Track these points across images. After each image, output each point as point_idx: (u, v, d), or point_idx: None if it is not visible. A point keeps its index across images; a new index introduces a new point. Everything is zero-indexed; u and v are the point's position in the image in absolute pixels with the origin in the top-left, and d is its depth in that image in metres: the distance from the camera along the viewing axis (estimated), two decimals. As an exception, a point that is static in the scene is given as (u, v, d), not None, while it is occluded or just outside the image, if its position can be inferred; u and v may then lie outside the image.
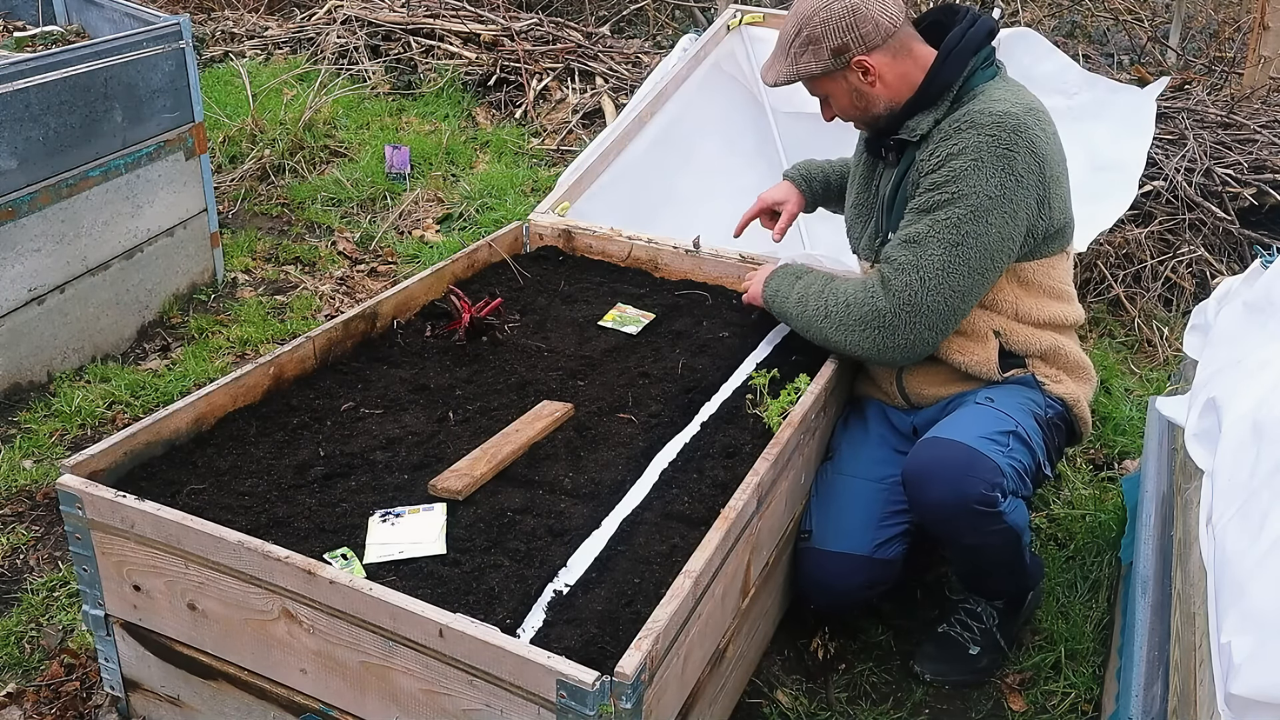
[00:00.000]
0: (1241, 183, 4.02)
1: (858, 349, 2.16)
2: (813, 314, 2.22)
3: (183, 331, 3.49)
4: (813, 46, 2.12)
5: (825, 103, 2.24)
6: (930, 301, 2.05)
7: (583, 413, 2.17)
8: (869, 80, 2.14)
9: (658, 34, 6.91)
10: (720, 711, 1.97)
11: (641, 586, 1.69)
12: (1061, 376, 2.24)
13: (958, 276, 2.05)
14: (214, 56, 6.09)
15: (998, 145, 2.02)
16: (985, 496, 1.94)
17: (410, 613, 1.53)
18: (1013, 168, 2.02)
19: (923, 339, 2.10)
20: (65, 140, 3.01)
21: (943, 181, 2.05)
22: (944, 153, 2.07)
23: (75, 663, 2.16)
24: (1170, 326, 3.70)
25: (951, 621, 2.28)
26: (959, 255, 2.04)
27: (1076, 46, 5.87)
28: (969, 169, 2.02)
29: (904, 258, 2.07)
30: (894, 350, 2.12)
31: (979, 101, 2.09)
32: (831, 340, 2.20)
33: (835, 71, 2.14)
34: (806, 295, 2.25)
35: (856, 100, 2.18)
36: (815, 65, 2.13)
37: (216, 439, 2.03)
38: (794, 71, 2.16)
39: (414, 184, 4.71)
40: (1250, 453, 1.53)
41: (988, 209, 2.02)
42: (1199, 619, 1.56)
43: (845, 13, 2.09)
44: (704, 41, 3.72)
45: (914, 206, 2.10)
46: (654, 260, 2.84)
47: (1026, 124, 2.04)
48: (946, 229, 2.03)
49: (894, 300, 2.07)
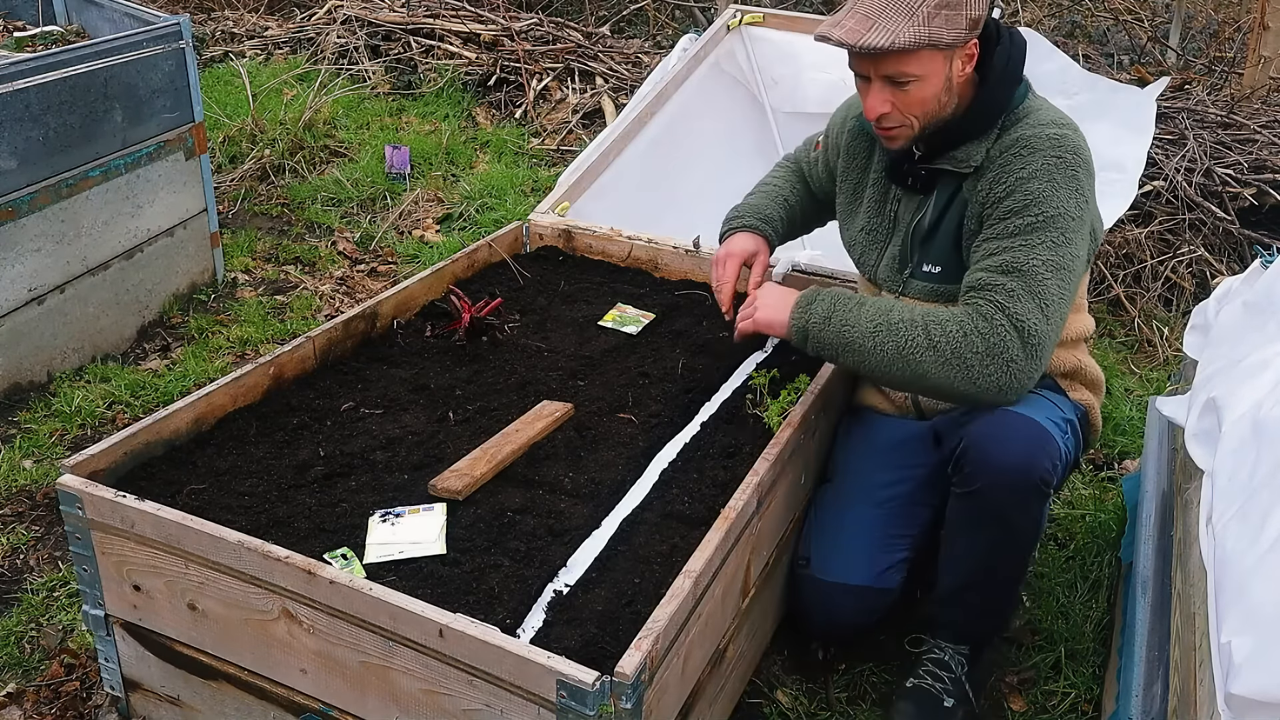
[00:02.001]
0: (1241, 183, 4.02)
1: (971, 387, 1.89)
2: (906, 345, 1.91)
3: (183, 331, 3.49)
4: (949, 10, 1.84)
5: (900, 87, 1.92)
6: (1048, 330, 1.88)
7: (583, 413, 2.17)
8: (966, 71, 1.93)
9: (658, 34, 6.91)
10: (720, 711, 1.97)
11: (641, 586, 1.69)
12: (1078, 386, 2.19)
13: (1066, 301, 1.91)
14: (214, 56, 6.09)
15: (1064, 166, 1.92)
16: (1048, 475, 1.89)
17: (410, 613, 1.53)
18: (1080, 188, 1.93)
19: (1037, 370, 1.90)
20: (65, 140, 3.01)
21: (1022, 206, 1.91)
22: (1012, 177, 1.93)
23: (75, 663, 2.16)
24: (1170, 326, 3.70)
25: (920, 674, 2.13)
26: (1065, 279, 1.90)
27: (1076, 46, 5.87)
28: (1047, 191, 1.90)
29: (1015, 286, 1.87)
30: (1015, 386, 1.88)
31: (1027, 125, 1.96)
32: (930, 376, 1.91)
33: (956, 50, 1.89)
34: (888, 323, 1.94)
35: (944, 93, 1.94)
36: (948, 33, 1.84)
37: (216, 439, 2.03)
38: (924, 34, 1.83)
39: (414, 184, 4.71)
40: (1250, 453, 1.53)
41: (1075, 230, 1.91)
42: (1199, 619, 1.56)
43: None
44: (704, 41, 3.72)
45: (994, 234, 1.94)
46: (654, 260, 2.84)
47: (1079, 144, 1.96)
48: (1049, 252, 1.88)
49: (1019, 330, 1.86)
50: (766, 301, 2.14)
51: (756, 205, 2.43)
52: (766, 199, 2.45)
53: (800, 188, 2.49)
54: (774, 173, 2.57)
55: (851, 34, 1.85)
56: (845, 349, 1.99)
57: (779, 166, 2.58)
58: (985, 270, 1.92)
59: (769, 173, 2.58)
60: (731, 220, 2.43)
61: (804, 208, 2.48)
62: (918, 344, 1.90)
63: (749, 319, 2.16)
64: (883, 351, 1.93)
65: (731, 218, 2.44)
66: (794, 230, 2.49)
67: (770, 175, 2.56)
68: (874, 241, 2.19)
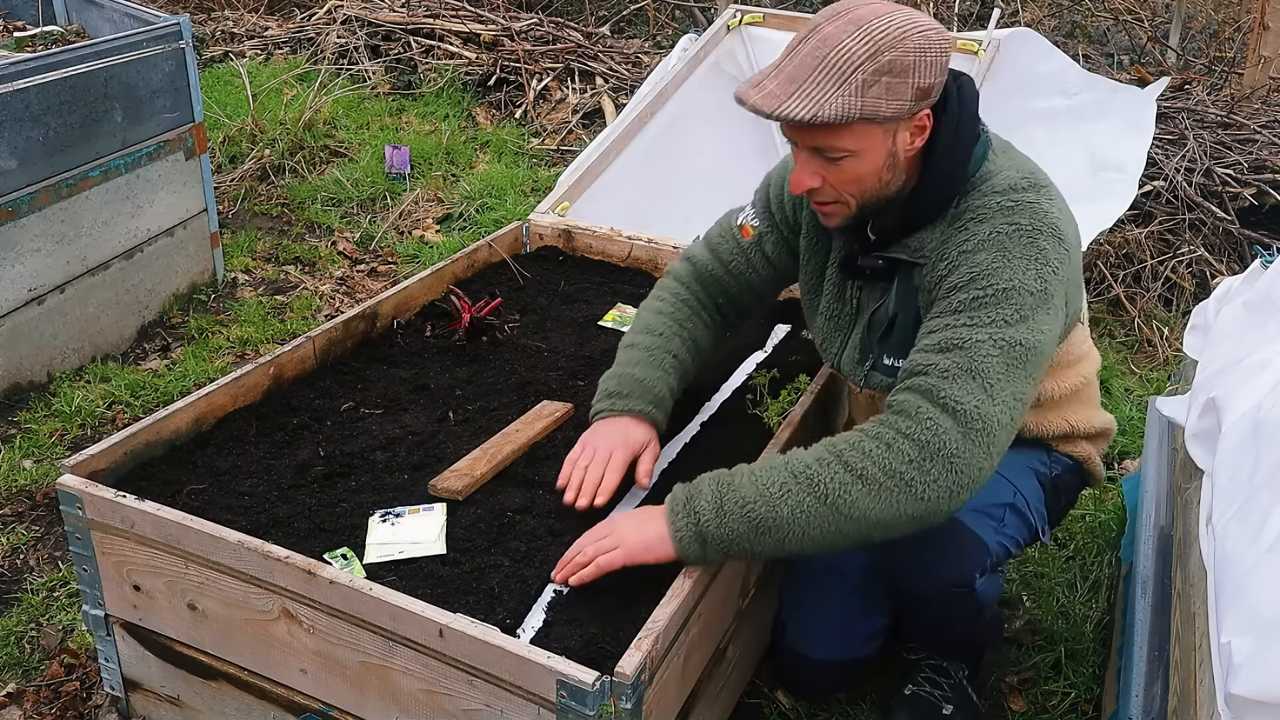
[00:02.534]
0: (1241, 183, 4.02)
1: (921, 505, 1.54)
2: (830, 489, 1.55)
3: (183, 331, 3.49)
4: (891, 79, 1.55)
5: (831, 164, 1.65)
6: (995, 411, 1.54)
7: (583, 413, 2.17)
8: (914, 145, 1.65)
9: (658, 34, 6.91)
10: (720, 711, 1.97)
11: (641, 587, 1.69)
12: (1076, 440, 1.97)
13: (1019, 382, 1.58)
14: (214, 56, 6.09)
15: (1019, 233, 1.64)
16: (963, 579, 1.78)
17: (410, 613, 1.53)
18: (1041, 255, 1.63)
19: (989, 458, 1.56)
20: (65, 140, 3.01)
21: (967, 280, 1.63)
22: (957, 251, 1.67)
23: (75, 663, 2.16)
24: (1170, 326, 3.70)
25: (919, 681, 2.06)
26: (1019, 359, 1.58)
27: (1076, 46, 5.88)
28: (996, 263, 1.62)
29: (950, 364, 1.57)
30: (968, 483, 1.54)
31: (979, 193, 1.70)
32: (871, 514, 1.54)
33: (899, 123, 1.61)
34: (794, 476, 1.58)
35: (886, 170, 1.66)
36: (887, 105, 1.56)
37: (216, 439, 2.03)
38: (854, 107, 1.55)
39: (414, 184, 4.72)
40: (1250, 453, 1.53)
41: (1035, 305, 1.61)
42: (1199, 619, 1.56)
43: (943, 45, 1.59)
44: (704, 41, 3.73)
45: (937, 313, 1.66)
46: (654, 260, 2.84)
47: (1042, 206, 1.67)
48: (997, 329, 1.59)
49: (953, 414, 1.54)
50: (625, 527, 1.66)
51: (639, 383, 1.91)
52: (643, 372, 1.93)
53: (697, 323, 2.05)
54: (657, 311, 2.04)
55: (770, 99, 1.58)
56: (759, 533, 1.57)
57: (665, 295, 2.08)
58: (920, 352, 1.63)
59: (648, 309, 2.07)
60: (622, 403, 1.90)
61: (702, 349, 2.06)
62: (841, 482, 1.55)
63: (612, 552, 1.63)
64: (805, 513, 1.55)
65: (614, 391, 1.92)
66: (689, 381, 2.06)
67: (651, 317, 2.03)
68: (837, 329, 1.93)
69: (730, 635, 1.90)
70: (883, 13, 1.58)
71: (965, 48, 3.58)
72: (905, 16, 1.59)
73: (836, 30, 1.57)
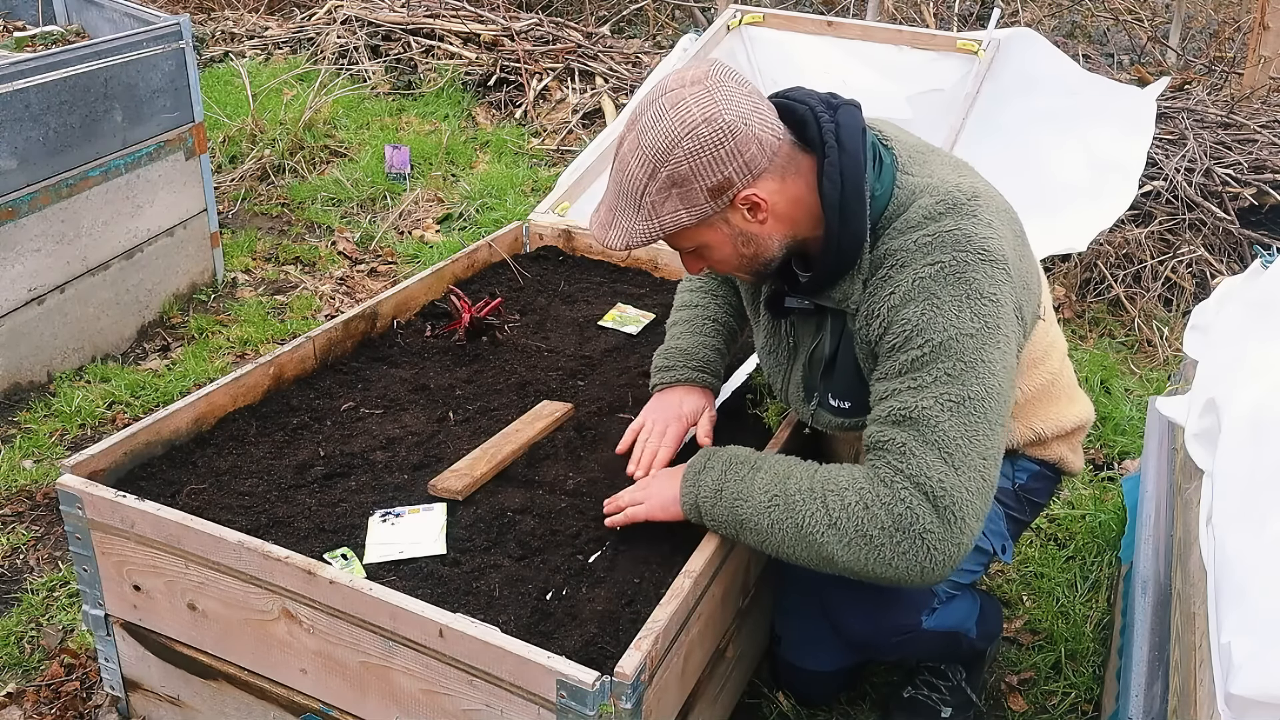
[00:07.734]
0: (1241, 183, 4.02)
1: (887, 570, 1.53)
2: (805, 523, 1.58)
3: (183, 331, 3.49)
4: (679, 189, 1.54)
5: (694, 255, 1.67)
6: (959, 483, 1.51)
7: (583, 413, 2.17)
8: (759, 218, 1.59)
9: (658, 34, 6.92)
10: (720, 711, 1.97)
11: (641, 586, 1.69)
12: (1048, 444, 1.92)
13: (977, 439, 1.53)
14: (214, 56, 6.09)
15: (944, 272, 1.55)
16: (905, 625, 1.81)
17: (410, 613, 1.53)
18: (974, 290, 1.55)
19: (965, 536, 1.52)
20: (65, 140, 3.01)
21: (902, 340, 1.56)
22: (884, 306, 1.59)
23: (75, 663, 2.16)
24: (1170, 326, 3.70)
25: (917, 684, 2.07)
26: (971, 413, 1.52)
27: (1076, 46, 5.88)
28: (927, 314, 1.55)
29: (906, 439, 1.53)
30: (942, 562, 1.52)
31: (893, 232, 1.61)
32: (838, 560, 1.56)
33: (714, 216, 1.58)
34: (784, 494, 1.61)
35: (744, 246, 1.62)
36: (687, 214, 1.56)
37: (216, 439, 2.03)
38: (655, 228, 1.57)
39: (414, 184, 4.72)
40: (1250, 453, 1.53)
41: (978, 348, 1.54)
42: (1199, 619, 1.56)
43: (720, 135, 1.52)
44: (704, 41, 3.72)
45: (882, 374, 1.60)
46: (654, 260, 2.84)
47: (965, 228, 1.57)
48: (942, 387, 1.53)
49: (925, 493, 1.51)
50: (656, 484, 1.79)
51: (687, 352, 2.03)
52: (693, 342, 2.05)
53: (728, 290, 2.14)
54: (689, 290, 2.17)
55: (598, 229, 1.64)
56: (742, 528, 1.65)
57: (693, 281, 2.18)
58: (876, 424, 1.60)
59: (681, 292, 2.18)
60: (664, 370, 2.03)
61: (740, 310, 2.12)
62: (817, 521, 1.57)
63: (639, 505, 1.77)
64: (781, 531, 1.60)
65: (662, 366, 2.04)
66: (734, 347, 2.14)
67: (685, 296, 2.16)
68: (776, 364, 1.89)
69: (730, 635, 1.90)
70: (657, 119, 1.54)
71: (965, 48, 3.58)
72: (677, 119, 1.52)
73: (626, 151, 1.58)
